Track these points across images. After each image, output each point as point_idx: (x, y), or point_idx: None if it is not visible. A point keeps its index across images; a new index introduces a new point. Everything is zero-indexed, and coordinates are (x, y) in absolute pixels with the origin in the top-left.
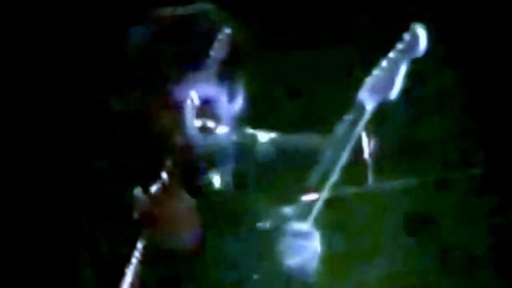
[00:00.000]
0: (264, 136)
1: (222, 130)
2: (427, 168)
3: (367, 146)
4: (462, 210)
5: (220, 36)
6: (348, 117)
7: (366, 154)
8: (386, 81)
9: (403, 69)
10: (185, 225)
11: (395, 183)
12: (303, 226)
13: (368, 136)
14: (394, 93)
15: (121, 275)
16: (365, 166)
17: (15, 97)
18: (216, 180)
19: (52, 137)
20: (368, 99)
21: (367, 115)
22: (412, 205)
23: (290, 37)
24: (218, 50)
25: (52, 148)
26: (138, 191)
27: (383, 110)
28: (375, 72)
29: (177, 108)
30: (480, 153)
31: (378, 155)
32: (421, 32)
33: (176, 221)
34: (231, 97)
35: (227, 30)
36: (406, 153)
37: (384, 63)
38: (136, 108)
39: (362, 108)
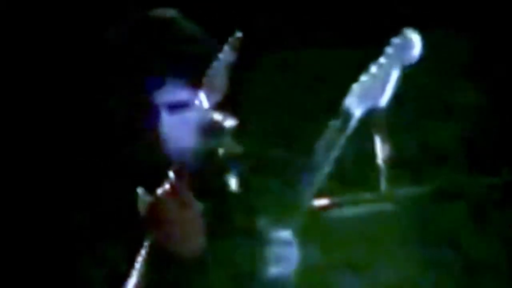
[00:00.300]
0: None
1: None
2: (443, 176)
3: (381, 152)
4: (480, 221)
5: (230, 39)
6: (334, 123)
7: (380, 160)
8: (375, 87)
9: (394, 76)
10: (190, 229)
11: (409, 190)
12: (284, 234)
13: (383, 141)
14: (384, 100)
15: (125, 277)
16: (378, 172)
17: (15, 98)
18: (231, 182)
19: (52, 136)
20: (355, 106)
21: (354, 122)
22: (426, 213)
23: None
24: (227, 53)
25: (51, 148)
26: (142, 192)
27: (399, 115)
28: (363, 78)
29: (186, 109)
30: (501, 161)
31: (393, 161)
32: (415, 38)
33: (181, 225)
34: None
35: (238, 34)
36: (421, 160)
37: (373, 68)
38: (141, 107)
39: (348, 115)
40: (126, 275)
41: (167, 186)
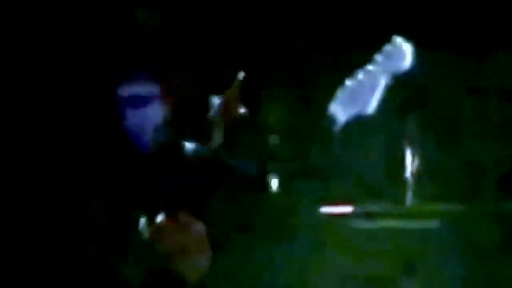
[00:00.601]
0: None
1: None
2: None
3: (411, 165)
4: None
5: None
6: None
7: (408, 173)
8: (361, 94)
9: (382, 83)
10: (192, 250)
11: (434, 207)
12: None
13: (414, 155)
14: (370, 107)
15: None
16: (405, 185)
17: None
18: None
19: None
20: (340, 112)
21: (339, 128)
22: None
23: None
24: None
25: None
26: (143, 221)
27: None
28: (349, 84)
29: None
30: None
31: (421, 174)
32: (406, 47)
33: (183, 247)
34: None
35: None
36: (454, 177)
37: (360, 75)
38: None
39: (333, 120)
40: None
41: (166, 214)
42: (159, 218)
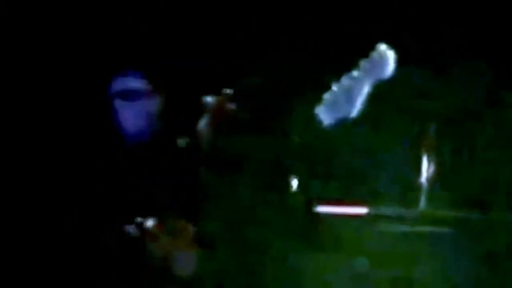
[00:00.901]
0: None
1: None
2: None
3: (426, 171)
4: None
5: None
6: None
7: (423, 179)
8: (344, 99)
9: (365, 89)
10: (182, 251)
11: (447, 213)
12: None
13: (429, 161)
14: (353, 112)
15: None
16: (419, 190)
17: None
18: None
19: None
20: (324, 116)
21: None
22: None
23: None
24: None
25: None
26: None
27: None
28: (334, 88)
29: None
30: None
31: (436, 180)
32: (390, 54)
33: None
34: None
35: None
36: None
37: (344, 80)
38: None
39: (319, 123)
40: None
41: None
42: (150, 223)
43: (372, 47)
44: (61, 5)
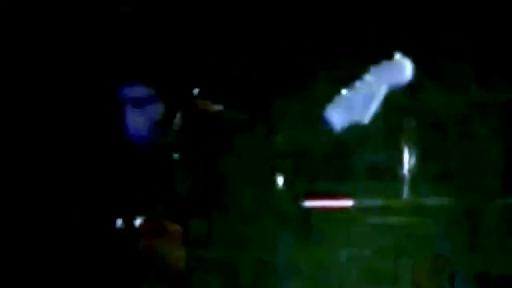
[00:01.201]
0: None
1: None
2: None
3: (408, 162)
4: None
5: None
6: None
7: (404, 169)
8: (358, 103)
9: (380, 94)
10: (170, 247)
11: (430, 201)
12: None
13: (411, 152)
14: (367, 117)
15: None
16: (402, 181)
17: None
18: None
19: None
20: (336, 119)
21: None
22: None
23: None
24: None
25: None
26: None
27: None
28: (346, 92)
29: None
30: None
31: (417, 171)
32: (407, 64)
33: (162, 245)
34: None
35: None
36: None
37: (358, 85)
38: None
39: (329, 126)
40: None
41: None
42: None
43: (368, 47)
44: (61, 5)
